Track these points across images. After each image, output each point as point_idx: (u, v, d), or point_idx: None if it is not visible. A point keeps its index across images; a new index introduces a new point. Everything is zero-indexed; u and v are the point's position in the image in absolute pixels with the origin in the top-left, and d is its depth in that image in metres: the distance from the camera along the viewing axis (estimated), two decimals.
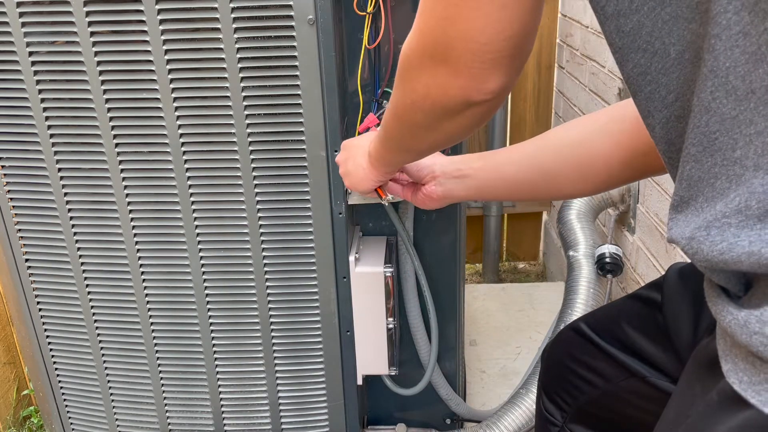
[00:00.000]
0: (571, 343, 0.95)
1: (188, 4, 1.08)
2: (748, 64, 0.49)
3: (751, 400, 0.49)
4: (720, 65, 0.50)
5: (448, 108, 0.65)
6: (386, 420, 1.57)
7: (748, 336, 0.49)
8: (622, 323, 0.88)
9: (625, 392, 0.88)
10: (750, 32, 0.48)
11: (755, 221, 0.49)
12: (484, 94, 0.62)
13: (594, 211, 1.75)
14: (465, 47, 0.58)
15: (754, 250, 0.48)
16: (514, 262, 2.70)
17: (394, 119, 0.75)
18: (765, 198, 0.49)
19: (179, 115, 1.16)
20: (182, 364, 1.36)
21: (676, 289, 0.83)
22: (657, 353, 0.84)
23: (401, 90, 0.69)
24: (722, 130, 0.51)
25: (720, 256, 0.50)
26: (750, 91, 0.49)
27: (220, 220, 1.23)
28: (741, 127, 0.50)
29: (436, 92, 0.64)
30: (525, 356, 1.93)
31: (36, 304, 1.34)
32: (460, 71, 0.60)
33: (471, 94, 0.62)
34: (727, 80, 0.50)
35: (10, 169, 1.23)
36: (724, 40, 0.49)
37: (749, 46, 0.48)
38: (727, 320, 0.52)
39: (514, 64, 0.60)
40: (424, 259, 1.40)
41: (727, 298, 0.53)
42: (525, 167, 0.91)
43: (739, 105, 0.50)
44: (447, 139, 0.74)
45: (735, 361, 0.52)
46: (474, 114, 0.66)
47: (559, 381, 0.97)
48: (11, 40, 1.12)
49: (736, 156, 0.51)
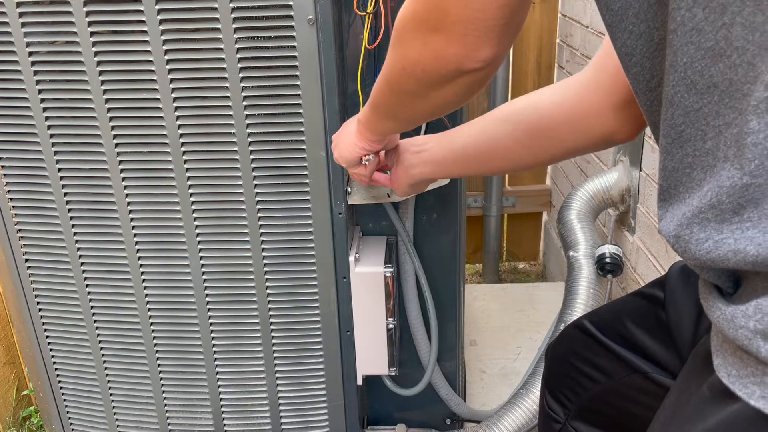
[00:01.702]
0: (575, 341, 0.95)
1: (188, 4, 1.08)
2: (705, 60, 0.49)
3: (738, 393, 0.50)
4: (678, 61, 0.50)
5: (440, 75, 0.66)
6: (386, 420, 1.57)
7: (734, 330, 0.50)
8: (625, 320, 0.89)
9: (628, 388, 0.88)
10: (704, 29, 0.48)
11: (731, 215, 0.49)
12: (476, 62, 0.62)
13: (594, 211, 1.75)
14: (459, 14, 0.59)
15: (739, 248, 0.49)
16: (514, 262, 2.70)
17: (385, 86, 0.75)
18: (733, 192, 0.49)
19: (179, 115, 1.16)
20: (182, 364, 1.36)
21: (678, 287, 0.83)
22: (659, 350, 0.84)
23: (393, 57, 0.70)
24: (687, 122, 0.52)
25: (707, 255, 0.51)
26: (711, 85, 0.49)
27: (220, 220, 1.23)
28: (708, 119, 0.50)
29: (428, 60, 0.65)
30: (525, 356, 1.93)
31: (36, 304, 1.34)
32: (454, 39, 0.61)
33: (463, 62, 0.63)
34: (685, 75, 0.50)
35: (10, 169, 1.23)
36: (680, 36, 0.49)
37: (704, 42, 0.48)
38: (715, 315, 0.53)
39: (506, 33, 0.61)
40: (424, 259, 1.40)
41: (718, 295, 0.54)
42: (476, 137, 0.91)
43: (701, 98, 0.50)
44: (434, 108, 0.74)
45: (724, 355, 0.52)
46: (464, 83, 0.66)
47: (562, 378, 0.97)
48: (11, 40, 1.12)
49: (708, 147, 0.51)
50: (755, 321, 0.48)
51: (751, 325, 0.49)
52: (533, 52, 2.39)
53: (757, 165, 0.47)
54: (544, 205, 2.57)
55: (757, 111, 0.46)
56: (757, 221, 0.48)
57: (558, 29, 2.37)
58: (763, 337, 0.48)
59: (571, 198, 1.75)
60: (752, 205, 0.48)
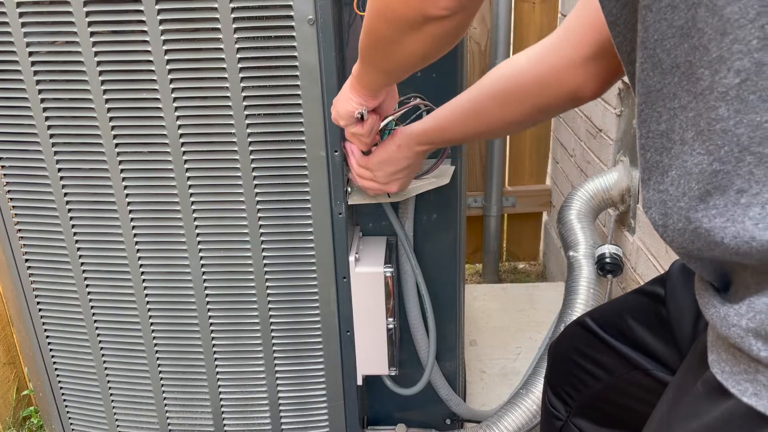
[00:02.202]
0: (577, 338, 0.96)
1: (188, 4, 1.08)
2: (674, 38, 0.49)
3: (731, 390, 0.50)
4: (649, 37, 0.50)
5: (408, 20, 0.67)
6: (386, 420, 1.57)
7: (727, 328, 0.50)
8: (626, 317, 0.89)
9: (629, 385, 0.88)
10: (678, 5, 0.48)
11: (697, 201, 0.49)
12: (439, 9, 0.63)
13: (594, 211, 1.75)
14: None
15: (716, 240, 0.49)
16: (514, 262, 2.70)
17: (365, 33, 0.77)
18: (702, 178, 0.49)
19: (179, 115, 1.16)
20: (182, 364, 1.36)
21: (679, 284, 0.84)
22: (660, 347, 0.85)
23: (369, 4, 0.72)
24: (647, 102, 0.52)
25: (692, 244, 0.51)
26: (675, 65, 0.49)
27: (220, 220, 1.23)
28: (665, 101, 0.50)
29: (397, 2, 0.66)
30: (525, 356, 1.93)
31: (36, 304, 1.34)
32: None
33: (426, 7, 0.64)
34: (654, 53, 0.50)
35: (10, 169, 1.23)
36: (654, 12, 0.49)
37: (677, 20, 0.48)
38: (710, 312, 0.53)
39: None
40: (424, 259, 1.40)
41: (713, 291, 0.54)
42: (461, 100, 0.97)
43: (663, 78, 0.50)
44: (413, 56, 0.76)
45: (719, 351, 0.53)
46: (433, 32, 0.68)
47: (564, 375, 0.98)
48: (11, 40, 1.12)
49: (662, 129, 0.51)
50: (747, 319, 0.49)
51: (744, 323, 0.49)
52: None
53: (727, 151, 0.47)
54: (544, 205, 2.57)
55: (726, 98, 0.46)
56: (723, 208, 0.48)
57: None
58: (755, 335, 0.48)
59: (571, 198, 1.75)
60: (718, 192, 0.48)
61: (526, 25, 2.35)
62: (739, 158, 0.47)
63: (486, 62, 2.33)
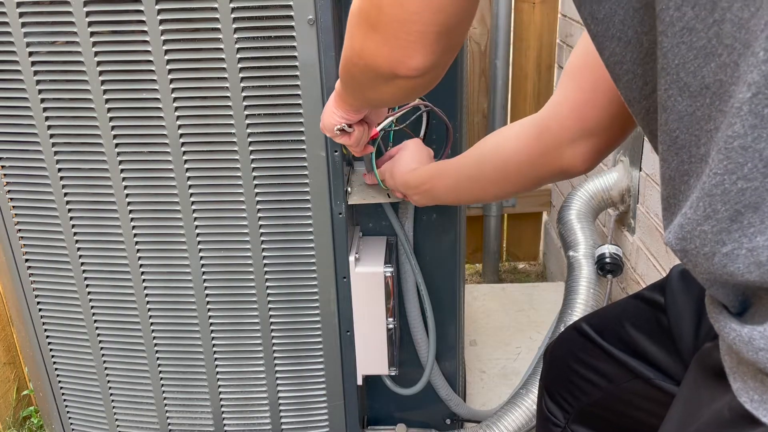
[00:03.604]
0: (574, 343, 0.95)
1: (188, 4, 1.08)
2: (697, 60, 0.47)
3: (763, 419, 0.48)
4: (669, 62, 0.49)
5: (378, 73, 0.66)
6: (386, 420, 1.57)
7: (754, 353, 0.48)
8: (625, 324, 0.88)
9: (629, 394, 0.87)
10: (695, 27, 0.46)
11: (729, 223, 0.48)
12: (408, 69, 0.62)
13: (594, 211, 1.75)
14: (394, 14, 0.58)
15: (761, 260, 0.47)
16: (514, 263, 2.70)
17: (342, 65, 0.76)
18: (728, 198, 0.47)
19: (179, 115, 1.16)
20: (182, 364, 1.36)
21: (679, 292, 0.82)
22: (660, 355, 0.83)
23: (345, 43, 0.71)
24: (681, 127, 0.50)
25: (723, 269, 0.49)
26: (704, 86, 0.48)
27: (220, 220, 1.23)
28: (701, 124, 0.49)
29: (368, 55, 0.65)
30: (525, 356, 1.93)
31: (36, 304, 1.34)
32: (387, 40, 0.61)
33: (396, 67, 0.63)
34: (678, 77, 0.49)
35: (10, 169, 1.23)
36: (670, 36, 0.48)
37: (696, 42, 0.47)
38: (731, 337, 0.51)
39: (439, 43, 0.60)
40: (424, 259, 1.40)
41: (728, 314, 0.52)
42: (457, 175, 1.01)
43: (694, 102, 0.49)
44: (387, 100, 0.77)
45: (744, 379, 0.51)
46: (404, 86, 0.67)
47: (562, 381, 0.97)
48: (11, 40, 1.12)
49: (702, 153, 0.49)
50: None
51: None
52: (533, 52, 2.39)
53: (750, 168, 0.46)
54: (544, 205, 2.57)
55: (740, 114, 0.45)
56: (760, 226, 0.46)
57: (558, 29, 2.37)
58: None
59: (571, 198, 1.75)
60: (750, 210, 0.46)
61: (526, 25, 2.35)
62: (765, 174, 0.45)
63: (486, 62, 2.34)
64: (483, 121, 2.43)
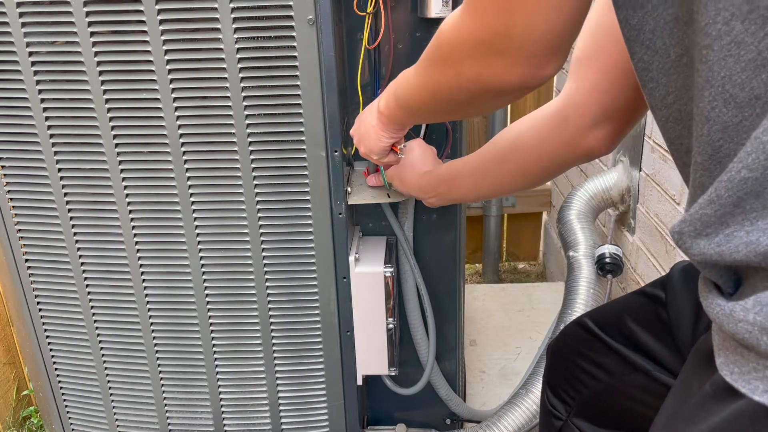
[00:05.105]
0: (576, 339, 0.96)
1: (188, 4, 1.08)
2: (746, 72, 0.49)
3: (741, 390, 0.50)
4: (715, 75, 0.50)
5: (500, 91, 0.67)
6: (386, 420, 1.57)
7: (734, 324, 0.50)
8: (626, 319, 0.89)
9: (629, 387, 0.88)
10: (745, 40, 0.48)
11: (731, 207, 0.50)
12: (540, 79, 0.63)
13: (594, 211, 1.75)
14: (527, 37, 0.59)
15: (751, 240, 0.49)
16: (514, 262, 2.70)
17: (428, 95, 0.76)
18: (731, 185, 0.49)
19: (179, 115, 1.16)
20: (182, 364, 1.36)
21: (680, 287, 0.84)
22: (660, 349, 0.85)
23: (443, 72, 0.70)
24: (725, 137, 0.51)
25: (716, 248, 0.51)
26: (753, 97, 0.49)
27: (220, 220, 1.23)
28: (749, 133, 0.50)
29: (489, 79, 0.65)
30: (525, 356, 1.93)
31: (36, 304, 1.34)
32: (520, 61, 0.61)
33: (528, 80, 0.63)
34: (723, 89, 0.50)
35: (10, 169, 1.23)
36: (717, 50, 0.49)
37: (745, 54, 0.48)
38: (715, 312, 0.53)
39: (569, 46, 0.62)
40: (424, 259, 1.40)
41: (718, 293, 0.54)
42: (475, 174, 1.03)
43: (741, 112, 0.50)
44: (481, 112, 0.79)
45: (726, 353, 0.52)
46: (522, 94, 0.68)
47: (564, 375, 0.98)
48: (11, 40, 1.12)
49: None
50: (754, 313, 0.49)
51: (751, 317, 0.49)
52: None
53: (754, 159, 0.47)
54: (544, 205, 2.57)
55: None
56: (762, 211, 0.48)
57: None
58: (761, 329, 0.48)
59: (571, 198, 1.75)
60: (752, 196, 0.48)
61: None
62: (766, 166, 0.47)
63: None
64: (483, 120, 2.43)
